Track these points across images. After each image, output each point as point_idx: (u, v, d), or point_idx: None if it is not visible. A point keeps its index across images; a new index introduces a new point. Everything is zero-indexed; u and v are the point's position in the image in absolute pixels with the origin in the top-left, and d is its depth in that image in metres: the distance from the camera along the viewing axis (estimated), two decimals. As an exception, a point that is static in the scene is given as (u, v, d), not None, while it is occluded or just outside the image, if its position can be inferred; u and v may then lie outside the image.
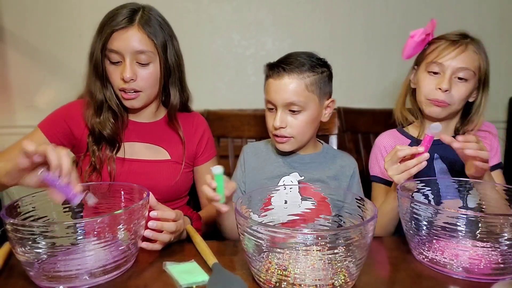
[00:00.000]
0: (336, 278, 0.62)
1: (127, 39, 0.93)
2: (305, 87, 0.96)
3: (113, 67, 0.96)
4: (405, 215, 0.77)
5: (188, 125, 1.11)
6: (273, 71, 0.98)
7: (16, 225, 0.63)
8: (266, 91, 1.01)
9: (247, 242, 0.64)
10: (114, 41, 0.93)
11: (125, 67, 0.94)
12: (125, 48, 0.93)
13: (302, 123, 0.98)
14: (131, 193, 0.82)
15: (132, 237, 0.71)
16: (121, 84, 0.95)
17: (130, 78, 0.94)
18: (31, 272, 0.66)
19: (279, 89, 0.96)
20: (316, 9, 1.67)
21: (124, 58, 0.94)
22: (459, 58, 1.00)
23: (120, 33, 0.93)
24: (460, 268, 0.70)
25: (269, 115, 1.02)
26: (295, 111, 0.97)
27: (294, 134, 0.98)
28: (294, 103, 0.96)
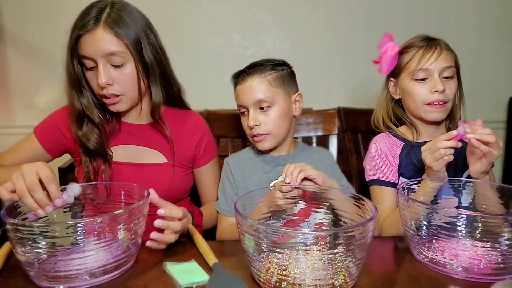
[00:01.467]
0: (336, 278, 0.62)
1: (95, 43, 0.87)
2: (268, 84, 1.03)
3: (90, 73, 0.92)
4: (405, 215, 0.77)
5: (184, 124, 1.08)
6: (238, 78, 1.06)
7: (16, 225, 0.63)
8: (236, 97, 1.08)
9: (247, 242, 0.64)
10: (83, 46, 0.89)
11: (99, 73, 0.89)
12: (95, 52, 0.88)
13: (274, 118, 1.03)
14: (131, 193, 0.82)
15: (132, 237, 0.71)
16: (100, 90, 0.92)
17: (105, 83, 0.89)
18: (31, 272, 0.66)
19: (246, 91, 1.03)
20: (316, 9, 1.67)
21: (96, 62, 0.89)
22: (441, 59, 1.03)
23: (86, 37, 0.88)
24: (460, 268, 0.70)
25: (243, 119, 1.08)
26: (265, 107, 1.03)
27: (269, 131, 1.03)
28: (262, 100, 1.02)
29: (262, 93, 1.02)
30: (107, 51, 0.88)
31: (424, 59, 1.04)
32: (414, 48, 1.07)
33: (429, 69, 1.03)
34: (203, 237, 0.83)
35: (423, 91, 1.04)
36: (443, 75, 1.04)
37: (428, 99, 1.04)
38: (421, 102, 1.05)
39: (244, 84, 1.04)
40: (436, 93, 1.02)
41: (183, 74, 1.68)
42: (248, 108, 1.04)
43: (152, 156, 1.02)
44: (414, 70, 1.05)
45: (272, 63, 1.07)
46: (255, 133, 1.04)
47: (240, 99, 1.06)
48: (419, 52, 1.05)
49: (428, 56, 1.04)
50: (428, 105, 1.04)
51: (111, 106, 0.95)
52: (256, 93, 1.02)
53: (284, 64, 1.09)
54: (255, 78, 1.03)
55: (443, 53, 1.04)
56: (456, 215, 0.70)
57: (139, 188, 0.80)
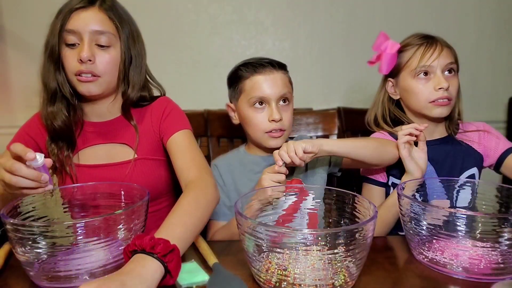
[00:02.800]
0: (336, 278, 0.62)
1: (86, 18, 0.88)
2: (289, 81, 1.06)
3: (69, 51, 0.89)
4: (405, 215, 0.77)
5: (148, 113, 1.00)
6: (259, 69, 1.02)
7: (16, 225, 0.63)
8: (253, 89, 1.02)
9: (247, 242, 0.64)
10: (72, 20, 0.87)
11: (82, 47, 0.87)
12: (83, 28, 0.87)
13: (290, 115, 1.04)
14: (131, 193, 0.82)
15: (132, 237, 0.71)
16: (78, 67, 0.88)
17: (87, 58, 0.86)
18: (31, 272, 0.66)
19: (272, 83, 1.01)
20: (316, 9, 1.67)
21: (82, 38, 0.88)
22: (443, 55, 1.03)
23: (79, 12, 0.88)
24: (460, 268, 0.70)
25: (257, 113, 1.02)
26: (286, 102, 1.03)
27: (286, 127, 1.03)
28: (285, 94, 1.02)
29: (287, 88, 1.03)
30: (97, 29, 0.88)
31: (426, 56, 1.03)
32: (414, 46, 1.06)
33: (432, 66, 1.02)
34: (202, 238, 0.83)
35: (427, 88, 1.03)
36: (446, 72, 1.03)
37: (432, 97, 1.03)
38: (425, 100, 1.04)
39: (269, 76, 1.01)
40: (440, 90, 1.01)
41: (183, 74, 1.69)
42: (269, 101, 1.01)
43: (122, 152, 0.97)
44: (416, 67, 1.03)
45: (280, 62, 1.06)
46: (277, 127, 1.00)
47: (261, 91, 1.01)
48: (420, 50, 1.04)
49: (430, 53, 1.02)
50: (432, 102, 1.03)
51: (85, 84, 0.89)
52: (282, 87, 1.02)
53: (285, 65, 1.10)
54: (279, 72, 1.03)
55: (444, 50, 1.03)
56: (456, 215, 0.70)
57: (139, 188, 0.80)
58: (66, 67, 0.91)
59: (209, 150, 1.40)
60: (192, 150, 0.93)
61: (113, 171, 0.95)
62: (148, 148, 0.98)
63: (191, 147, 0.94)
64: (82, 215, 0.83)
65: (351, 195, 0.77)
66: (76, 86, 0.91)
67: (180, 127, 0.96)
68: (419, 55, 1.04)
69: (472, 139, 1.09)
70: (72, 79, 0.91)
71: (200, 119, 1.39)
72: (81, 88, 0.91)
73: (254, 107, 1.02)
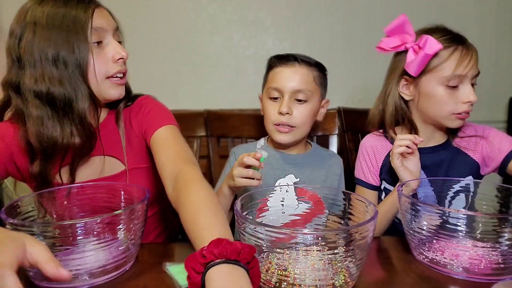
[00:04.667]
0: (336, 278, 0.62)
1: (106, 16, 0.84)
2: (312, 78, 1.01)
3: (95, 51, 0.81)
4: (405, 215, 0.77)
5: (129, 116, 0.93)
6: (282, 60, 1.01)
7: (16, 225, 0.63)
8: (272, 79, 1.02)
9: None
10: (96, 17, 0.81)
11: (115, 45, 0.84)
12: (108, 24, 0.83)
13: (305, 113, 1.01)
14: (131, 193, 0.82)
15: (132, 237, 0.71)
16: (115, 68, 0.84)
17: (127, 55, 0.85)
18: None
19: (290, 76, 0.99)
20: (316, 9, 1.67)
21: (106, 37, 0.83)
22: (475, 65, 0.93)
23: (98, 10, 0.83)
24: (460, 268, 0.70)
25: (271, 104, 1.02)
26: (301, 100, 1.00)
27: (297, 124, 1.00)
28: (302, 91, 0.99)
29: (305, 84, 1.00)
30: (116, 25, 0.86)
31: (463, 64, 0.91)
32: (448, 49, 0.92)
33: (466, 76, 0.92)
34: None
35: (453, 99, 0.93)
36: (472, 82, 0.94)
37: (459, 109, 0.94)
38: (449, 111, 0.95)
39: (289, 69, 1.00)
40: (467, 104, 0.93)
41: (183, 74, 1.69)
42: (283, 93, 1.00)
43: (107, 165, 0.90)
44: (450, 76, 0.92)
45: (316, 61, 1.05)
46: (284, 121, 1.00)
47: (278, 82, 1.01)
48: (455, 55, 0.92)
49: (467, 60, 0.91)
50: (456, 114, 0.95)
51: (120, 87, 0.86)
52: (300, 82, 0.99)
53: (325, 68, 1.09)
54: (303, 67, 1.01)
55: (474, 56, 0.93)
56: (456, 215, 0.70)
57: (139, 188, 0.80)
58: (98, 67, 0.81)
59: (209, 150, 1.40)
60: (178, 144, 0.84)
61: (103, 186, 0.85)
62: (136, 157, 0.92)
63: (176, 141, 0.85)
64: (82, 215, 0.83)
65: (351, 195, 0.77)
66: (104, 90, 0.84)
67: (164, 123, 0.89)
68: (454, 61, 0.91)
69: (468, 147, 1.02)
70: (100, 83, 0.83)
71: (200, 119, 1.39)
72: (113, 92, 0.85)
73: (270, 98, 1.03)
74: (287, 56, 1.02)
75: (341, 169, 1.11)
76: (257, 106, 1.63)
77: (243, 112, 1.42)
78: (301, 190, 0.84)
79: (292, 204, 0.83)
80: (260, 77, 1.10)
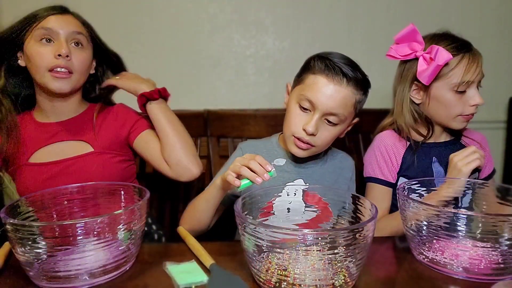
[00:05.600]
0: (336, 278, 0.62)
1: (65, 22, 0.95)
2: (353, 103, 0.90)
3: (42, 47, 0.93)
4: (405, 215, 0.77)
5: (107, 113, 1.07)
6: (330, 72, 0.88)
7: (16, 225, 0.63)
8: (310, 87, 0.89)
9: (247, 242, 0.64)
10: (50, 20, 0.94)
11: (61, 44, 0.93)
12: (62, 27, 0.94)
13: (331, 136, 0.92)
14: (131, 193, 0.82)
15: (132, 237, 0.71)
16: (54, 62, 0.92)
17: (66, 53, 0.92)
18: (31, 272, 0.66)
19: (331, 94, 0.87)
20: (316, 9, 1.67)
21: (58, 37, 0.94)
22: (480, 70, 0.97)
23: (56, 16, 0.95)
24: (460, 268, 0.70)
25: (298, 113, 0.91)
26: (331, 122, 0.90)
27: (318, 144, 0.92)
28: (337, 115, 0.89)
29: (344, 108, 0.88)
30: (75, 30, 0.96)
31: (471, 71, 0.96)
32: (456, 57, 0.97)
33: (474, 81, 0.97)
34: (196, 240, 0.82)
35: (460, 103, 0.99)
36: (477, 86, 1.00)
37: (466, 112, 0.99)
38: (456, 113, 1.00)
39: (334, 86, 0.87)
40: (474, 106, 0.98)
41: (183, 74, 1.69)
42: (316, 109, 0.88)
43: (76, 148, 1.01)
44: (459, 82, 0.97)
45: (366, 80, 0.93)
46: (306, 139, 0.90)
47: (315, 95, 0.88)
48: (463, 62, 0.96)
49: (474, 67, 0.96)
50: (462, 116, 1.00)
51: (59, 81, 0.94)
52: (339, 105, 0.88)
53: (369, 87, 0.96)
54: (349, 89, 0.88)
55: (480, 63, 0.98)
56: (456, 215, 0.70)
57: (139, 188, 0.80)
58: (39, 63, 0.93)
59: (209, 150, 1.40)
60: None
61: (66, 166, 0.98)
62: (108, 142, 1.03)
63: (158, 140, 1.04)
64: (82, 215, 0.83)
65: (352, 195, 0.77)
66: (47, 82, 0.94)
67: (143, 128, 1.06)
68: (462, 68, 0.96)
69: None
70: (44, 76, 0.94)
71: (200, 119, 1.39)
72: (53, 85, 0.94)
73: (299, 105, 0.91)
74: (340, 67, 0.88)
75: (352, 172, 1.05)
76: (256, 106, 1.64)
77: (243, 112, 1.42)
78: (309, 196, 0.83)
79: (299, 209, 0.82)
80: (260, 77, 1.10)
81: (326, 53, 0.93)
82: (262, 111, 1.42)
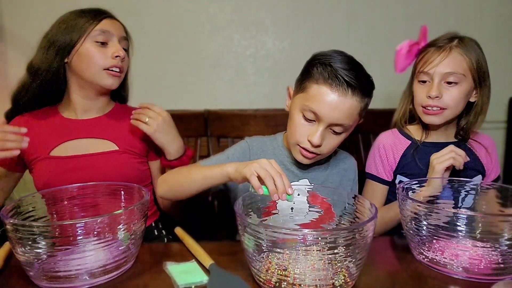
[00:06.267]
0: (336, 278, 0.62)
1: (116, 25, 1.03)
2: (358, 111, 0.87)
3: (98, 48, 0.99)
4: (405, 215, 0.77)
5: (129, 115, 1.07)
6: (334, 82, 0.83)
7: (16, 225, 0.63)
8: (313, 98, 0.85)
9: (247, 242, 0.64)
10: (105, 23, 1.00)
11: (117, 46, 1.00)
12: (115, 30, 1.01)
13: (336, 143, 0.91)
14: (131, 193, 0.82)
15: (132, 237, 0.71)
16: (111, 62, 0.99)
17: (124, 56, 1.00)
18: (31, 272, 0.66)
19: (336, 106, 0.83)
20: (316, 9, 1.67)
21: (113, 39, 1.00)
22: (444, 63, 0.98)
23: (109, 19, 1.02)
24: (460, 268, 0.70)
25: (303, 124, 0.88)
26: (337, 132, 0.88)
27: (324, 153, 0.90)
28: (342, 125, 0.86)
29: (349, 119, 0.86)
30: (124, 35, 1.04)
31: (429, 61, 1.00)
32: (431, 48, 1.02)
33: (429, 73, 1.00)
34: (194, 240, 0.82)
35: (421, 93, 1.03)
36: (446, 81, 0.99)
37: (423, 102, 1.02)
38: (419, 104, 1.04)
39: (339, 97, 0.83)
40: (430, 98, 1.00)
41: (183, 74, 1.69)
42: (320, 121, 0.85)
43: (100, 145, 1.03)
44: (419, 71, 1.03)
45: (371, 83, 0.90)
46: (311, 150, 0.88)
47: (319, 107, 0.84)
48: (429, 53, 1.01)
49: (433, 58, 0.99)
50: (423, 108, 1.03)
51: (114, 78, 1.01)
52: (345, 116, 0.85)
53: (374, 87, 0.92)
54: (354, 99, 0.84)
55: (449, 58, 0.98)
56: (456, 215, 0.70)
57: (139, 189, 0.80)
58: (94, 62, 0.98)
59: (209, 150, 1.40)
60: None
61: (89, 161, 1.00)
62: (132, 145, 1.06)
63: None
64: (82, 215, 0.83)
65: (352, 195, 0.77)
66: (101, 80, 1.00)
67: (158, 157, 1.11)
68: (425, 59, 1.01)
69: (479, 152, 1.09)
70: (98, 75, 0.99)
71: (200, 119, 1.39)
72: (107, 82, 1.00)
73: (303, 115, 0.88)
74: (340, 76, 0.83)
75: (355, 173, 1.05)
76: (256, 106, 1.64)
77: (243, 112, 1.42)
78: (314, 196, 0.82)
79: (303, 209, 0.82)
80: (260, 77, 1.09)
81: (327, 57, 0.88)
82: (262, 111, 1.42)
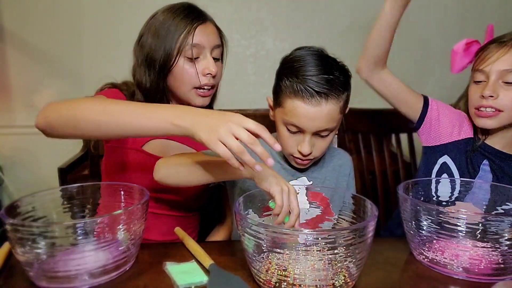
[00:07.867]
0: (336, 278, 0.62)
1: (208, 32, 0.91)
2: (339, 110, 0.86)
3: (189, 64, 0.89)
4: (405, 215, 0.77)
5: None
6: (306, 94, 0.82)
7: (16, 225, 0.63)
8: (290, 113, 0.84)
9: (247, 242, 0.64)
10: (197, 36, 0.89)
11: (208, 61, 0.89)
12: (207, 41, 0.90)
13: (327, 144, 0.91)
14: (131, 193, 0.82)
15: (132, 237, 0.71)
16: (203, 80, 0.89)
17: (215, 72, 0.90)
18: (30, 272, 0.66)
19: (315, 117, 0.83)
20: (316, 9, 1.67)
21: (204, 51, 0.90)
22: (503, 60, 0.90)
23: (201, 27, 0.90)
24: (460, 268, 0.70)
25: (289, 136, 0.88)
26: (325, 135, 0.88)
27: (317, 155, 0.91)
28: (327, 129, 0.86)
29: (331, 122, 0.85)
30: (217, 43, 0.92)
31: (485, 58, 0.92)
32: (490, 45, 0.93)
33: (484, 70, 0.92)
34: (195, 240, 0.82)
35: (475, 93, 0.94)
36: (504, 80, 0.90)
37: (475, 103, 0.94)
38: (472, 105, 0.96)
39: (314, 108, 0.82)
40: (483, 98, 0.91)
41: (183, 74, 1.69)
42: (305, 132, 0.85)
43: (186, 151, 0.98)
44: (475, 69, 0.95)
45: (346, 76, 0.88)
46: (304, 158, 0.89)
47: (300, 121, 0.83)
48: (487, 50, 0.93)
49: (491, 55, 0.91)
50: (476, 109, 0.94)
51: (204, 98, 0.93)
52: (325, 122, 0.84)
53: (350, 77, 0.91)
54: (330, 104, 0.83)
55: (509, 54, 0.90)
56: (456, 215, 0.70)
57: (139, 188, 0.80)
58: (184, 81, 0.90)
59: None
60: None
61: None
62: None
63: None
64: (82, 215, 0.83)
65: (352, 195, 0.77)
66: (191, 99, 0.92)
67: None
68: (483, 56, 0.93)
69: None
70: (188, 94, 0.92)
71: (200, 119, 1.39)
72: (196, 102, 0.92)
73: (287, 128, 0.88)
74: (310, 87, 0.81)
75: (350, 168, 1.04)
76: (257, 106, 1.64)
77: (243, 112, 1.40)
78: (313, 194, 0.82)
79: (303, 208, 0.82)
80: (260, 77, 1.09)
81: (294, 64, 0.86)
82: (262, 111, 1.42)
